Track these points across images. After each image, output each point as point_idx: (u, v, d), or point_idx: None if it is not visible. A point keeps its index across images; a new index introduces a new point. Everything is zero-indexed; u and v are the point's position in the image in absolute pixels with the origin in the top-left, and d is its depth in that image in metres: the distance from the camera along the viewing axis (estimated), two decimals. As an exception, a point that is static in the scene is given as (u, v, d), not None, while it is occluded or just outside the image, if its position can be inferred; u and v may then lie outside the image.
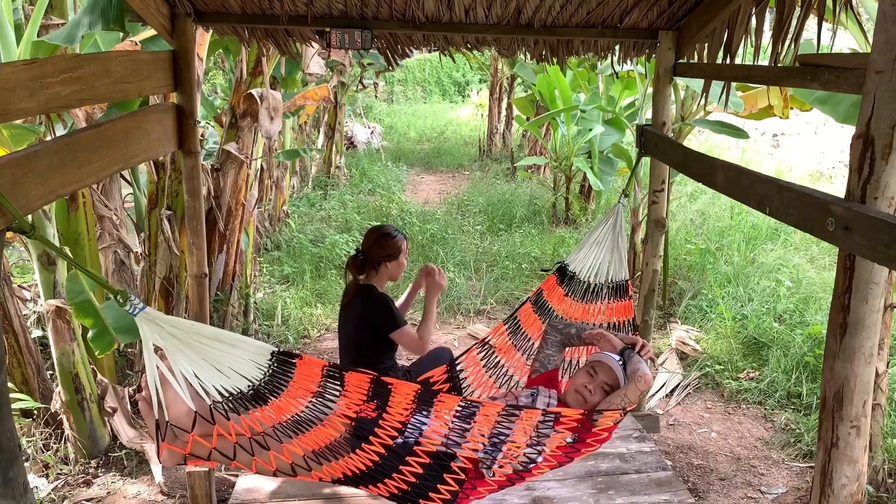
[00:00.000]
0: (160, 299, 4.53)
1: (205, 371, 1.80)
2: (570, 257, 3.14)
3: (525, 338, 2.93)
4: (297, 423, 1.95)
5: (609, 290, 3.06)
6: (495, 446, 2.10)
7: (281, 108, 5.05)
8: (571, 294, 3.06)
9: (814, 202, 1.71)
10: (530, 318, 2.98)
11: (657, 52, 3.23)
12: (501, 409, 2.10)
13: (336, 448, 2.01)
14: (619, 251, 3.08)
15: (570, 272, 3.08)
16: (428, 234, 7.80)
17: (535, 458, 2.14)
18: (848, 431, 1.76)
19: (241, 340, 1.88)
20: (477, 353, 2.82)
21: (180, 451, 1.96)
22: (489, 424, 2.09)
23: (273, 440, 1.94)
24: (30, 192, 1.79)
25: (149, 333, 1.75)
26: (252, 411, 1.87)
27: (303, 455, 1.99)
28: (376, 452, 2.03)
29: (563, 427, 2.13)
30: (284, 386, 1.89)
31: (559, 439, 2.14)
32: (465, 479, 2.09)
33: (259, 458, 1.96)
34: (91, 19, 2.64)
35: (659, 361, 5.12)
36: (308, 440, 1.98)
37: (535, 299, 3.03)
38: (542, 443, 2.13)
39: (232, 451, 1.95)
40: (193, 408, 1.82)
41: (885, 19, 1.52)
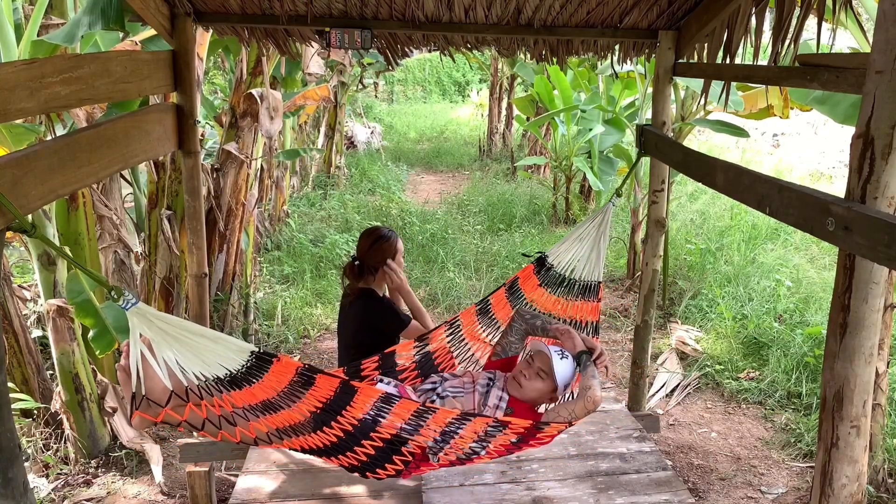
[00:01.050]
0: (160, 299, 4.53)
1: (186, 360, 1.90)
2: (552, 249, 3.15)
3: (493, 321, 2.98)
4: (265, 406, 2.08)
5: (581, 287, 3.07)
6: (444, 439, 2.24)
7: (281, 107, 5.05)
8: (544, 285, 3.08)
9: (814, 202, 1.71)
10: (502, 302, 3.03)
11: (657, 52, 3.23)
12: (457, 415, 2.24)
13: (298, 427, 2.15)
14: (599, 251, 3.08)
15: (549, 264, 3.10)
16: (428, 234, 7.80)
17: (479, 451, 2.29)
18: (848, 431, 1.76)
19: (224, 339, 2.00)
20: (444, 331, 2.88)
21: (152, 419, 2.06)
22: (442, 424, 2.23)
23: (241, 418, 2.06)
24: (30, 192, 1.79)
25: (138, 325, 1.85)
26: (225, 394, 1.99)
27: (266, 431, 2.12)
28: (335, 435, 2.17)
29: (511, 431, 2.27)
30: (258, 378, 2.02)
31: (504, 439, 2.28)
32: (412, 461, 2.25)
33: (225, 431, 2.08)
34: (91, 19, 2.64)
35: (659, 361, 5.12)
36: (273, 420, 2.11)
37: (510, 286, 3.07)
38: (488, 440, 2.27)
39: (201, 423, 2.06)
40: (170, 387, 1.92)
41: (885, 19, 1.52)
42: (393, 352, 2.76)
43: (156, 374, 1.90)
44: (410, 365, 2.79)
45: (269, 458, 3.10)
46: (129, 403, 2.01)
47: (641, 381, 3.52)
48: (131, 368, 1.89)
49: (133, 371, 1.89)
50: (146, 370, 1.91)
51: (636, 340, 3.52)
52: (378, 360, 2.72)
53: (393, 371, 2.73)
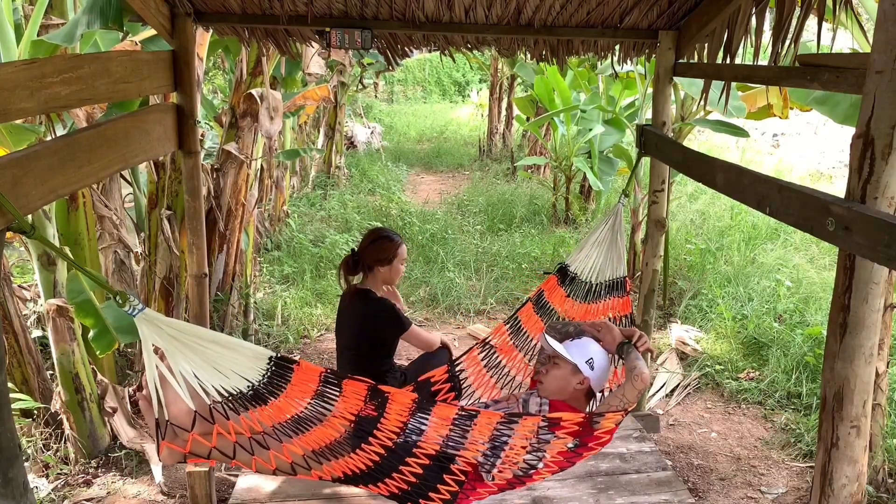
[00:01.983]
0: (160, 299, 4.53)
1: (204, 372, 1.82)
2: (571, 258, 3.13)
3: (527, 338, 2.91)
4: (296, 422, 1.96)
5: (608, 287, 3.06)
6: (494, 452, 2.10)
7: (281, 108, 5.05)
8: (573, 295, 3.05)
9: (814, 202, 1.71)
10: (531, 318, 2.96)
11: (657, 52, 3.23)
12: (500, 417, 2.10)
13: (336, 448, 2.02)
14: (618, 249, 3.08)
15: (572, 273, 3.08)
16: (428, 234, 7.80)
17: (536, 464, 2.14)
18: (848, 431, 1.76)
19: (240, 344, 1.91)
20: (478, 354, 2.80)
21: (180, 449, 1.98)
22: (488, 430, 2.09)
23: (273, 440, 1.95)
24: (30, 192, 1.79)
25: (148, 334, 1.77)
26: (251, 411, 1.88)
27: (302, 454, 2.01)
28: (376, 452, 2.03)
29: (564, 432, 2.12)
30: (283, 388, 1.91)
31: (560, 444, 2.13)
32: (465, 481, 2.10)
33: (259, 457, 1.98)
34: (90, 19, 2.65)
35: (659, 361, 5.12)
36: (308, 440, 2.00)
37: (537, 299, 3.02)
38: (542, 449, 2.12)
39: (232, 449, 1.96)
40: (193, 407, 1.83)
41: (885, 19, 1.52)
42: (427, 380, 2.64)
43: (178, 397, 1.82)
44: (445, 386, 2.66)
45: (269, 458, 3.09)
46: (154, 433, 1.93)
47: (641, 381, 3.51)
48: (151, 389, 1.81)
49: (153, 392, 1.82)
50: (167, 393, 1.84)
51: (636, 340, 3.52)
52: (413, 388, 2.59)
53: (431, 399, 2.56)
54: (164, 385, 1.82)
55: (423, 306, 6.17)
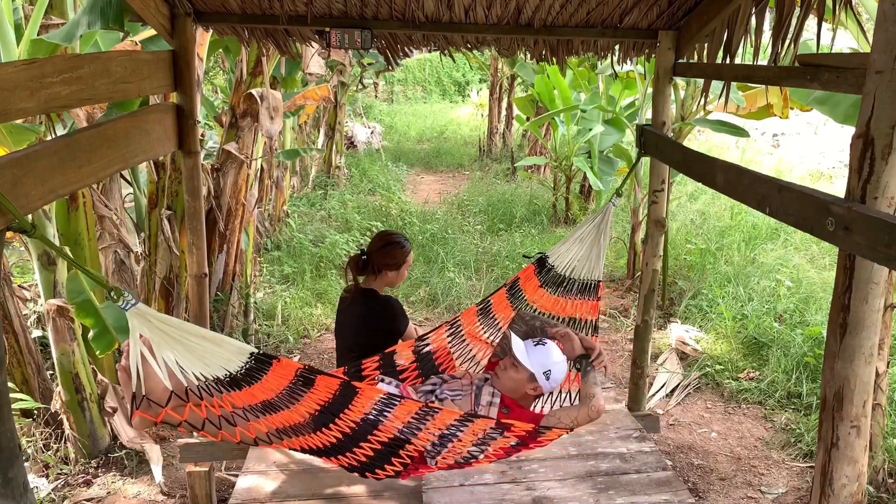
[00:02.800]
0: (160, 299, 4.53)
1: (186, 361, 1.90)
2: (552, 250, 3.14)
3: (494, 321, 2.97)
4: (265, 407, 2.08)
5: (580, 286, 3.07)
6: (442, 443, 2.23)
7: (281, 107, 5.05)
8: (545, 285, 3.08)
9: (814, 202, 1.71)
10: (503, 303, 3.01)
11: (657, 52, 3.23)
12: (458, 416, 2.23)
13: (298, 428, 2.15)
14: (599, 250, 3.08)
15: (549, 265, 3.10)
16: (428, 234, 7.80)
17: (477, 455, 2.29)
18: (848, 431, 1.76)
19: (224, 340, 2.00)
20: (445, 331, 2.88)
21: (152, 418, 2.07)
22: (443, 426, 2.22)
23: (240, 418, 2.07)
24: (30, 192, 1.79)
25: (137, 325, 1.85)
26: (224, 394, 1.99)
27: (266, 431, 2.13)
28: (334, 436, 2.17)
29: (511, 434, 2.26)
30: (258, 379, 2.02)
31: (504, 442, 2.27)
32: (410, 463, 2.25)
33: (225, 431, 2.09)
34: (90, 19, 2.65)
35: (659, 361, 5.12)
36: (273, 420, 2.12)
37: (511, 286, 3.06)
38: (487, 443, 2.26)
39: (201, 423, 2.08)
40: (170, 387, 1.93)
41: (885, 19, 1.52)
42: (393, 352, 2.76)
43: (156, 375, 1.90)
44: (411, 365, 2.79)
45: (269, 458, 3.10)
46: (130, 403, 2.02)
47: (641, 381, 3.51)
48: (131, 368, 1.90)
49: (133, 371, 1.90)
50: (146, 370, 1.92)
51: (636, 340, 3.52)
52: (379, 360, 2.72)
53: (394, 371, 2.73)
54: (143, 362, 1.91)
55: (423, 306, 6.17)
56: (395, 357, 2.76)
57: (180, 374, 1.90)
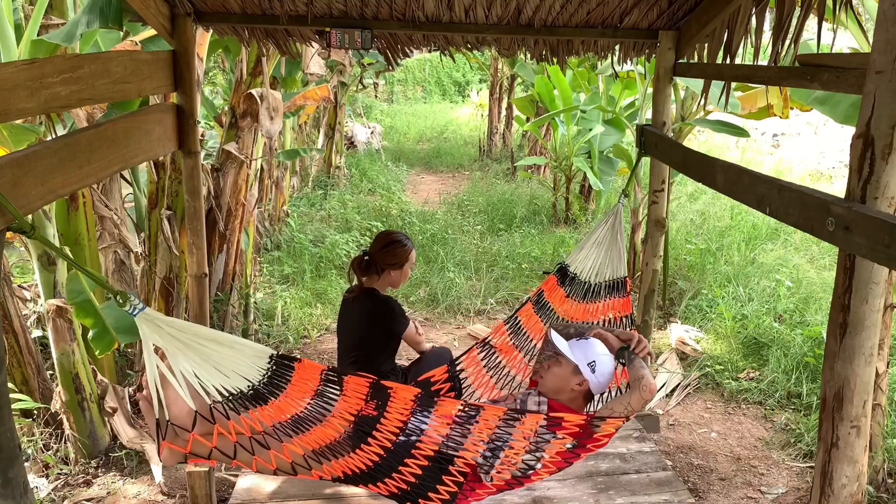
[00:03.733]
0: (160, 299, 4.53)
1: (204, 371, 1.81)
2: (571, 258, 3.12)
3: (527, 338, 2.90)
4: (297, 422, 1.96)
5: (608, 288, 3.06)
6: (493, 452, 2.11)
7: (281, 108, 5.05)
8: (572, 295, 3.05)
9: (814, 202, 1.71)
10: (531, 318, 2.95)
11: (657, 52, 3.23)
12: (502, 414, 2.10)
13: (336, 447, 2.02)
14: (618, 249, 3.08)
15: (571, 273, 3.07)
16: (428, 234, 7.80)
17: (534, 465, 2.15)
18: (848, 431, 1.76)
19: (241, 343, 1.91)
20: (478, 354, 2.79)
21: (181, 449, 1.97)
22: (488, 429, 2.10)
23: (273, 439, 1.95)
24: (30, 192, 1.79)
25: (148, 334, 1.76)
26: (252, 411, 1.88)
27: (303, 454, 2.01)
28: (376, 452, 2.04)
29: (564, 432, 2.13)
30: (283, 387, 1.91)
31: (559, 445, 2.14)
32: (464, 482, 2.11)
33: (259, 456, 1.98)
34: (90, 19, 2.64)
35: (659, 361, 5.12)
36: (308, 439, 2.00)
37: (536, 300, 3.01)
38: (541, 448, 2.13)
39: (232, 450, 1.96)
40: (194, 407, 1.83)
41: (885, 19, 1.52)
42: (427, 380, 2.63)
43: (178, 397, 1.82)
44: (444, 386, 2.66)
45: (269, 458, 3.10)
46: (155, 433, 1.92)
47: (641, 381, 3.51)
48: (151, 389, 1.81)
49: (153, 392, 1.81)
50: (167, 393, 1.83)
51: (636, 340, 3.52)
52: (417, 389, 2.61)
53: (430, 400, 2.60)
54: (164, 385, 1.82)
55: (423, 306, 6.17)
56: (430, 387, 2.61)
57: (200, 390, 1.81)
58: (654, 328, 3.63)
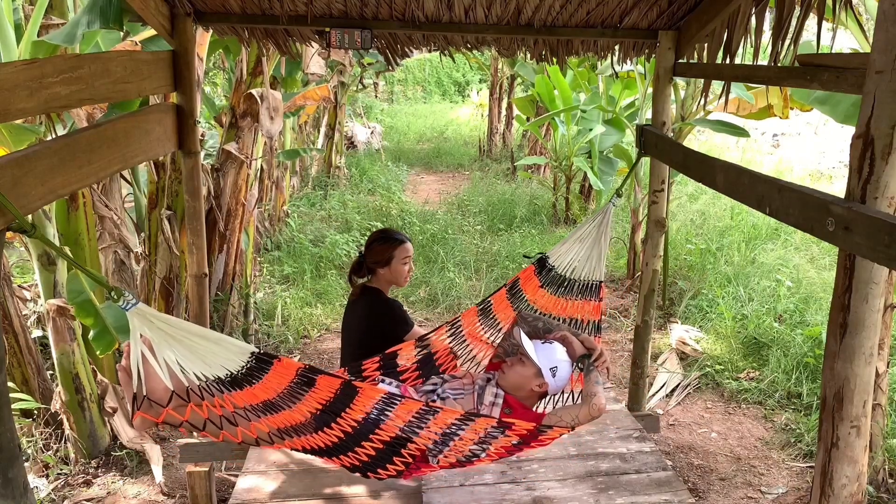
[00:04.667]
0: (160, 299, 4.53)
1: (187, 361, 1.90)
2: (553, 250, 3.13)
3: (494, 322, 2.96)
4: (266, 406, 2.08)
5: (581, 287, 3.07)
6: (444, 441, 2.23)
7: (281, 108, 5.05)
8: (546, 286, 3.07)
9: (814, 202, 1.71)
10: (503, 303, 3.00)
11: (657, 52, 3.23)
12: (459, 416, 2.23)
13: (299, 428, 2.15)
14: (600, 251, 3.07)
15: (550, 265, 3.09)
16: (428, 234, 7.80)
17: (479, 454, 2.29)
18: (848, 431, 1.76)
19: (225, 340, 1.99)
20: (446, 331, 2.87)
21: (153, 419, 2.06)
22: (444, 425, 2.22)
23: (242, 419, 2.06)
24: (30, 192, 1.79)
25: (138, 325, 1.84)
26: (226, 394, 1.99)
27: (268, 431, 2.13)
28: (336, 435, 2.17)
29: (512, 433, 2.26)
30: (259, 378, 2.02)
31: (505, 441, 2.28)
32: (412, 462, 2.26)
33: (227, 431, 2.08)
34: (90, 19, 2.64)
35: (659, 361, 5.12)
36: (274, 420, 2.12)
37: (511, 286, 3.04)
38: (488, 442, 2.27)
39: (202, 423, 2.07)
40: (171, 387, 1.92)
41: (885, 19, 1.52)
42: (395, 352, 2.75)
43: (157, 374, 1.90)
44: (412, 365, 2.78)
45: (269, 458, 3.10)
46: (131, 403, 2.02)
47: (641, 381, 3.51)
48: (132, 368, 1.90)
49: (134, 371, 1.90)
50: (147, 370, 1.92)
51: (636, 340, 3.52)
52: (379, 361, 2.72)
53: (394, 372, 2.73)
54: (144, 362, 1.90)
55: (423, 306, 6.18)
56: (396, 358, 2.75)
57: (181, 374, 1.90)
58: (654, 328, 3.63)
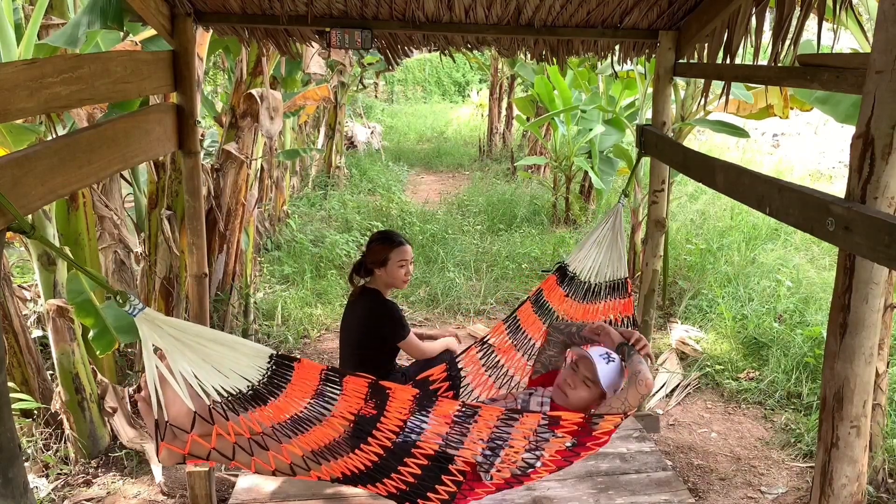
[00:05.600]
0: (160, 299, 4.53)
1: (204, 371, 1.81)
2: (571, 257, 3.12)
3: (525, 338, 2.90)
4: (295, 423, 1.96)
5: (608, 288, 3.05)
6: (493, 451, 2.10)
7: (281, 107, 5.05)
8: (572, 295, 3.04)
9: (814, 202, 1.71)
10: (530, 318, 2.95)
11: (657, 52, 3.23)
12: (500, 414, 2.10)
13: (335, 448, 2.02)
14: (619, 249, 3.07)
15: (571, 273, 3.06)
16: (428, 234, 7.80)
17: (534, 463, 2.15)
18: (848, 431, 1.76)
19: (241, 343, 1.90)
20: (476, 353, 2.79)
21: (179, 450, 1.97)
22: (488, 429, 2.09)
23: (272, 440, 1.95)
24: (30, 192, 1.79)
25: (148, 334, 1.76)
26: (251, 411, 1.88)
27: (301, 455, 2.00)
28: (375, 453, 2.04)
29: (563, 431, 2.12)
30: (283, 387, 1.91)
31: (558, 443, 2.14)
32: (464, 482, 2.11)
33: (258, 457, 1.97)
34: (90, 18, 2.65)
35: (659, 361, 5.12)
36: (307, 440, 1.99)
37: (535, 299, 3.01)
38: (540, 447, 2.13)
39: (231, 450, 1.96)
40: (192, 408, 1.83)
41: (885, 19, 1.52)
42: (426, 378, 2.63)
43: (177, 397, 1.81)
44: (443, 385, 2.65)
45: (269, 458, 3.10)
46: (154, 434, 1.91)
47: (641, 381, 3.51)
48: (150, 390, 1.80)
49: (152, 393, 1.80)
50: (166, 394, 1.82)
51: (636, 340, 3.51)
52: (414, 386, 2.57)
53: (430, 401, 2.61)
54: (163, 385, 1.81)
55: (423, 306, 6.17)
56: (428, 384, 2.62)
57: (200, 390, 1.80)
58: (654, 328, 3.63)
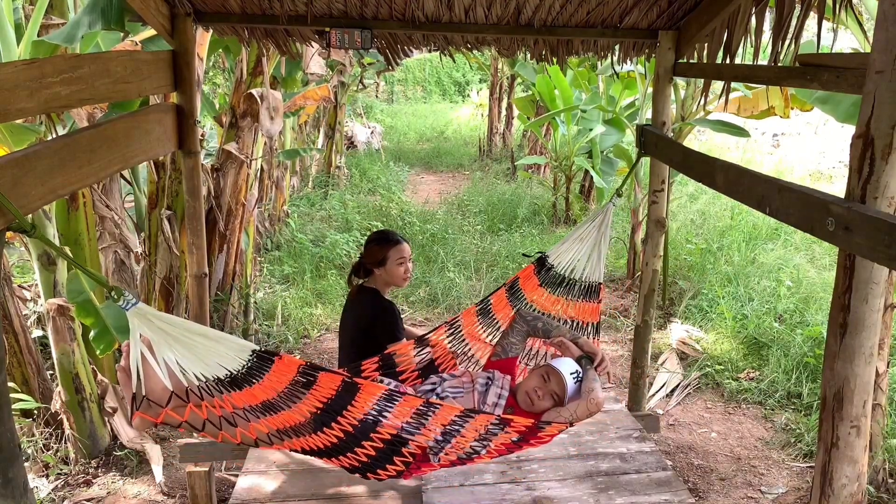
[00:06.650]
0: (160, 299, 4.53)
1: (187, 361, 1.90)
2: (552, 249, 3.14)
3: (493, 321, 2.97)
4: (266, 407, 2.08)
5: (581, 288, 3.07)
6: (445, 438, 2.23)
7: (281, 107, 5.05)
8: (545, 285, 3.07)
9: (814, 202, 1.71)
10: (502, 303, 3.02)
11: (657, 52, 3.23)
12: (459, 412, 2.23)
13: (299, 428, 2.15)
14: (600, 251, 3.07)
15: (549, 264, 3.10)
16: (428, 234, 7.80)
17: (479, 451, 2.29)
18: (848, 431, 1.76)
19: (226, 338, 2.00)
20: (445, 331, 2.88)
21: (152, 419, 2.06)
22: (444, 423, 2.23)
23: (241, 419, 2.05)
24: (30, 192, 1.79)
25: (138, 325, 1.84)
26: (225, 394, 1.99)
27: (267, 432, 2.12)
28: (336, 436, 2.16)
29: (512, 430, 2.27)
30: (259, 378, 2.02)
31: (505, 438, 2.29)
32: (412, 462, 2.25)
33: (226, 432, 2.08)
34: (91, 19, 2.65)
35: (659, 361, 5.12)
36: (274, 421, 2.11)
37: (511, 286, 3.06)
38: (488, 439, 2.27)
39: (201, 424, 2.07)
40: (170, 388, 1.92)
41: (885, 19, 1.52)
42: (393, 352, 2.75)
43: (156, 375, 1.90)
44: (410, 365, 2.78)
45: (269, 458, 3.10)
46: (130, 404, 2.01)
47: (641, 381, 3.51)
48: (131, 369, 1.90)
49: (133, 371, 1.90)
50: (146, 370, 1.92)
51: (636, 340, 3.52)
52: (378, 361, 2.72)
53: (393, 372, 2.73)
54: (143, 362, 1.90)
55: (423, 306, 6.18)
56: (395, 357, 2.75)
57: (180, 375, 1.90)
58: (654, 328, 3.63)
